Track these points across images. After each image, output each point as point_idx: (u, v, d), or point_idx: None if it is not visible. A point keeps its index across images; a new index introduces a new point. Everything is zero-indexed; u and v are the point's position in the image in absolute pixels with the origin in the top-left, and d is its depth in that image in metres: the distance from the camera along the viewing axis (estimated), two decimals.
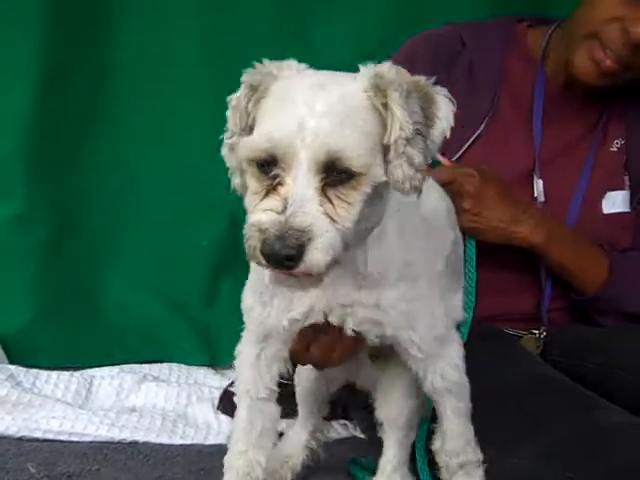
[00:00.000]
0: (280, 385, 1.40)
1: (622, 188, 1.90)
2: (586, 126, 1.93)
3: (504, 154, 1.88)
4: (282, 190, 1.02)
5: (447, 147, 1.83)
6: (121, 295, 2.47)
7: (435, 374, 1.35)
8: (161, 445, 1.90)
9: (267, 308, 1.28)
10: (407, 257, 1.25)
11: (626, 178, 1.91)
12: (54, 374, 2.21)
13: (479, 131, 1.88)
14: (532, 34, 1.99)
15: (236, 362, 1.39)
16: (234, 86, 1.16)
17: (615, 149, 1.92)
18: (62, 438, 1.89)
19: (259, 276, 1.28)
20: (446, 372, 1.36)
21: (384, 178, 1.07)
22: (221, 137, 1.17)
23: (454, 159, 1.84)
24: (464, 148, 1.86)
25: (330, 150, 1.01)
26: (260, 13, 2.36)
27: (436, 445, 1.45)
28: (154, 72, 2.41)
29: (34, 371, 2.22)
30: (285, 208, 1.00)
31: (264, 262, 1.01)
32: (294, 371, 1.56)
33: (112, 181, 2.45)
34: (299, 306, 1.25)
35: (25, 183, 2.35)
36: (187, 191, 2.46)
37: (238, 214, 2.43)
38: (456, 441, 1.42)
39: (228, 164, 1.18)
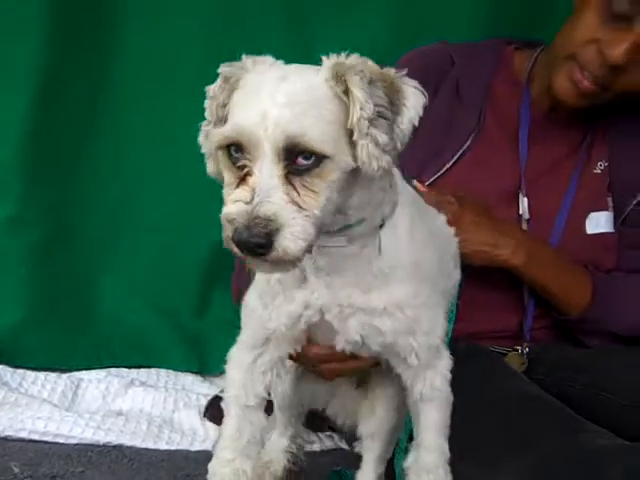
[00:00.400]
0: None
1: (605, 209, 1.92)
2: (570, 147, 1.96)
3: (489, 171, 1.90)
4: (250, 180, 1.04)
5: (432, 163, 1.86)
6: (112, 300, 2.47)
7: (425, 383, 1.35)
8: (146, 450, 1.90)
9: (268, 309, 1.29)
10: (416, 257, 1.27)
11: (609, 199, 1.92)
12: (41, 375, 2.21)
13: (464, 147, 1.89)
14: (519, 57, 2.02)
15: (227, 367, 1.38)
16: None
17: (599, 171, 1.94)
18: (47, 439, 1.89)
19: (262, 278, 1.30)
20: (436, 382, 1.36)
21: (353, 164, 1.08)
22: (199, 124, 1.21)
23: (439, 174, 1.86)
24: (449, 164, 1.88)
25: (289, 136, 1.03)
26: (264, 19, 2.37)
27: (409, 461, 1.40)
28: (154, 78, 2.41)
29: (21, 371, 2.22)
30: (252, 198, 1.02)
31: (238, 251, 1.04)
32: None
33: (108, 187, 2.45)
34: (297, 302, 1.26)
35: (21, 186, 2.35)
36: (183, 200, 2.46)
37: None
38: (432, 456, 1.37)
39: (203, 150, 1.22)
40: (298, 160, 1.04)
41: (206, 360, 2.39)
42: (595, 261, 1.90)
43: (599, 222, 1.91)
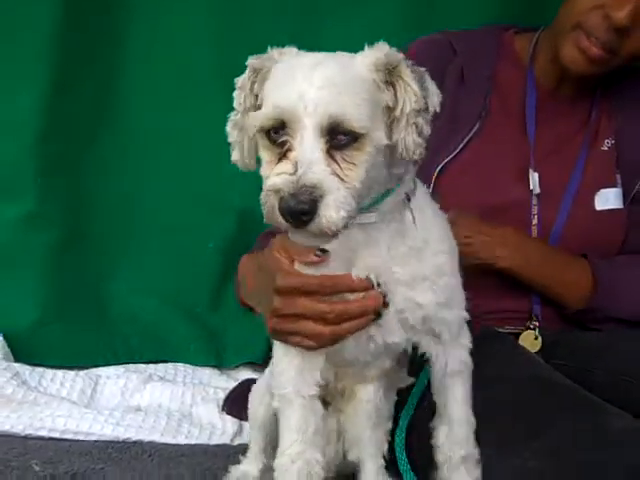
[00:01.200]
0: None
1: (614, 185, 1.92)
2: (577, 125, 1.96)
3: (499, 152, 1.91)
4: (292, 155, 1.11)
5: (442, 148, 1.87)
6: (128, 296, 2.48)
7: (454, 358, 1.41)
8: (165, 445, 1.90)
9: None
10: (443, 232, 1.36)
11: (618, 176, 1.93)
12: (59, 373, 2.22)
13: (473, 131, 1.90)
14: (519, 40, 2.03)
15: (278, 366, 1.39)
16: None
17: (606, 148, 1.94)
18: (67, 437, 1.90)
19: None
20: (463, 355, 1.42)
21: (386, 141, 1.16)
22: (228, 115, 1.28)
23: (450, 158, 1.87)
24: (460, 147, 1.89)
25: (331, 115, 1.10)
26: (271, 14, 2.37)
27: (440, 438, 1.43)
28: (163, 76, 2.41)
29: (39, 370, 2.22)
30: (296, 170, 1.08)
31: (282, 220, 1.09)
32: None
33: (121, 184, 2.46)
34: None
35: (35, 184, 2.35)
36: (195, 194, 2.46)
37: (245, 217, 2.45)
38: (463, 429, 1.42)
39: (230, 139, 1.28)
40: (338, 136, 1.12)
41: (223, 353, 2.39)
42: (605, 237, 1.90)
43: (608, 198, 1.91)
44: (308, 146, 1.10)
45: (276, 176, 1.10)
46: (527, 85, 1.95)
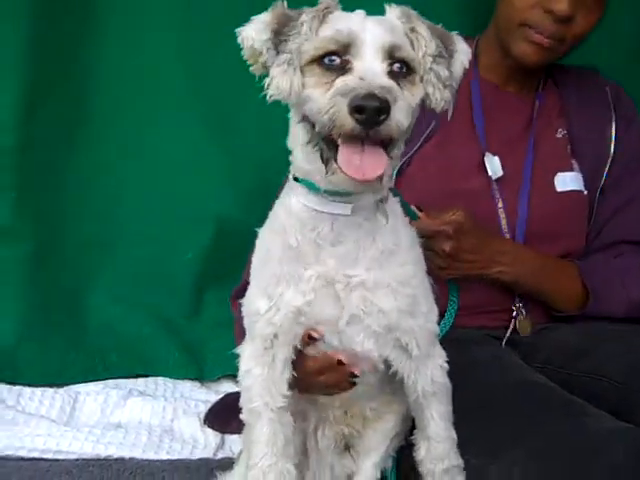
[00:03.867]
0: None
1: (571, 170, 1.97)
2: (524, 117, 2.01)
3: (452, 150, 1.94)
4: (354, 72, 1.14)
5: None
6: (105, 310, 2.45)
7: (426, 378, 1.40)
8: (147, 461, 1.89)
9: (274, 299, 1.32)
10: (412, 239, 1.37)
11: (574, 162, 1.98)
12: (38, 391, 2.19)
13: (424, 136, 1.93)
14: None
15: (245, 381, 1.39)
16: (215, 100, 1.21)
17: (560, 136, 2.00)
18: (47, 456, 1.88)
19: (263, 272, 1.35)
20: (435, 375, 1.41)
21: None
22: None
23: (402, 162, 1.88)
24: (411, 152, 1.91)
25: (390, 40, 1.17)
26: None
27: (421, 453, 1.45)
28: (137, 87, 2.41)
29: (17, 388, 2.20)
30: (362, 80, 1.11)
31: (351, 122, 1.10)
32: None
33: (97, 195, 2.44)
34: (305, 279, 1.30)
35: (9, 198, 2.33)
36: (171, 204, 2.45)
37: (223, 227, 2.43)
38: (442, 445, 1.43)
39: (275, 72, 1.21)
40: (395, 63, 1.17)
41: (203, 366, 2.37)
42: (571, 218, 1.95)
43: (566, 181, 1.95)
44: (372, 63, 1.14)
45: (343, 82, 1.12)
46: (472, 85, 2.00)
